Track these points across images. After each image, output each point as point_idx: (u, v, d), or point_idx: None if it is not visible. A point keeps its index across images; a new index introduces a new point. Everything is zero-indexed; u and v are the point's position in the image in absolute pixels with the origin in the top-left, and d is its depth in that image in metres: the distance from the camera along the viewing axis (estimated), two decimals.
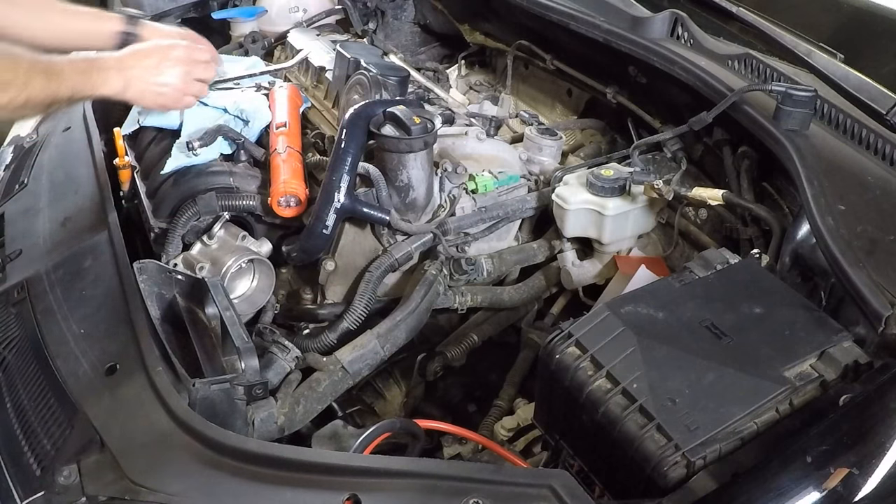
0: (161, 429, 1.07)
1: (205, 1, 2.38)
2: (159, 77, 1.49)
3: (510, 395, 1.53)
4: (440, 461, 1.20)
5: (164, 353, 1.17)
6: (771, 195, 1.52)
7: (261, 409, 1.24)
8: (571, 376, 1.08)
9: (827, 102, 1.45)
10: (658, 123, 1.81)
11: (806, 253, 1.27)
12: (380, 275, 1.51)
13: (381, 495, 0.96)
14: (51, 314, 1.33)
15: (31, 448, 1.13)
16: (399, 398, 1.60)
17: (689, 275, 1.21)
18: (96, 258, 1.41)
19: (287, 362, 1.38)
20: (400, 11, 2.49)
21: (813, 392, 1.04)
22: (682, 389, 1.01)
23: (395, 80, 1.74)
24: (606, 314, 1.12)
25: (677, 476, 0.95)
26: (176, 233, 1.57)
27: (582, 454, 1.12)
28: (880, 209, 1.25)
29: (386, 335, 1.43)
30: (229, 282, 1.47)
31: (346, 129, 1.49)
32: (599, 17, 1.76)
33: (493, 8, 2.17)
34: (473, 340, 1.61)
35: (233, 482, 1.00)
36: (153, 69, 1.49)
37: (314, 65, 1.99)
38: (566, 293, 1.71)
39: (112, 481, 1.03)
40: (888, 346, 1.06)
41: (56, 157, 1.79)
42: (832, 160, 1.34)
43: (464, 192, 1.62)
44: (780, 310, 1.13)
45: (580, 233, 1.62)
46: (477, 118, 1.87)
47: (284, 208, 1.56)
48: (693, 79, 1.55)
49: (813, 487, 0.90)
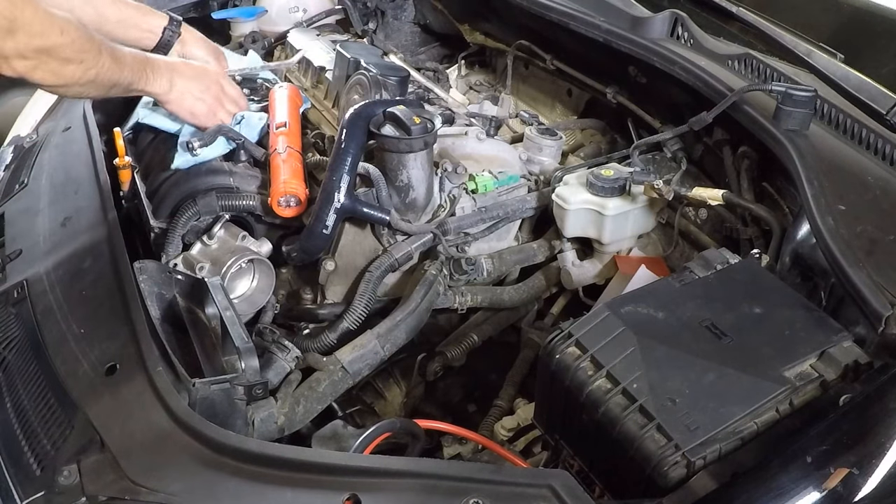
0: (161, 429, 1.07)
1: (205, 1, 2.38)
2: (200, 92, 1.63)
3: (510, 395, 1.53)
4: (440, 461, 1.20)
5: (164, 353, 1.16)
6: (771, 195, 1.52)
7: (261, 409, 1.24)
8: (571, 376, 1.08)
9: (827, 102, 1.45)
10: (658, 123, 1.81)
11: (806, 253, 1.27)
12: (380, 275, 1.51)
13: (381, 495, 0.96)
14: (51, 314, 1.33)
15: (31, 448, 1.13)
16: (399, 398, 1.60)
17: (689, 275, 1.21)
18: (96, 258, 1.41)
19: (287, 362, 1.38)
20: (400, 11, 2.49)
21: (813, 392, 1.04)
22: (682, 389, 1.01)
23: (395, 80, 1.74)
24: (606, 314, 1.12)
25: (677, 476, 0.95)
26: (176, 233, 1.57)
27: (582, 454, 1.12)
28: (880, 209, 1.25)
29: (386, 335, 1.43)
30: (229, 282, 1.47)
31: (346, 129, 1.49)
32: (599, 17, 1.76)
33: (493, 8, 2.17)
34: (473, 340, 1.61)
35: (233, 482, 1.00)
36: (197, 82, 1.62)
37: (314, 65, 1.99)
38: (566, 293, 1.71)
39: (112, 481, 1.03)
40: (888, 346, 1.06)
41: (56, 157, 1.79)
42: (832, 160, 1.34)
43: (464, 192, 1.62)
44: (780, 310, 1.13)
45: (580, 233, 1.62)
46: (477, 118, 1.87)
47: (284, 208, 1.56)
48: (693, 79, 1.55)
49: (813, 487, 0.90)
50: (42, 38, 1.29)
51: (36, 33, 1.28)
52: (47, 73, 1.34)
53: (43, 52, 1.30)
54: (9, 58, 1.28)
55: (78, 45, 1.35)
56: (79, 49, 1.35)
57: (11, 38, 1.25)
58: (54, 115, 2.02)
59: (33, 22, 1.27)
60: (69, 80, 1.37)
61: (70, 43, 1.33)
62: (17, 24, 1.25)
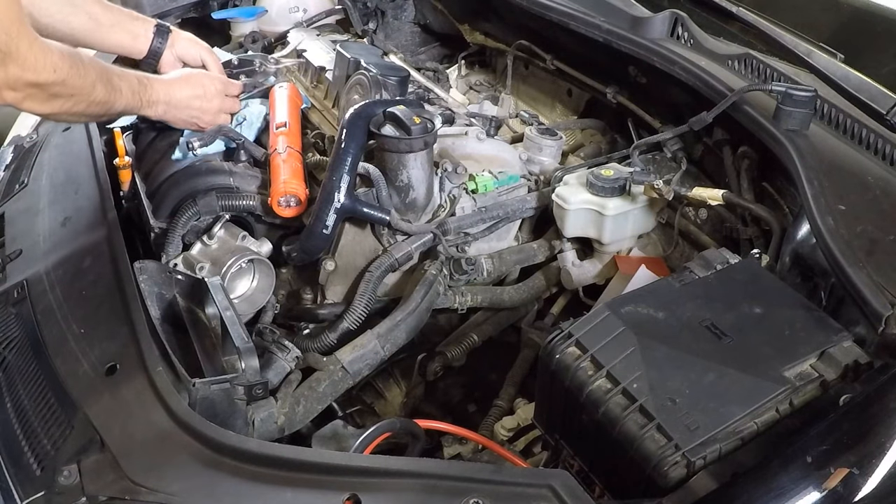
0: (161, 429, 1.07)
1: (205, 1, 2.38)
2: (196, 107, 1.64)
3: (510, 395, 1.53)
4: (440, 461, 1.20)
5: (164, 353, 1.16)
6: (771, 195, 1.52)
7: (261, 409, 1.24)
8: (571, 376, 1.08)
9: (827, 102, 1.45)
10: (658, 123, 1.81)
11: (806, 253, 1.27)
12: (380, 275, 1.51)
13: (381, 495, 0.96)
14: (51, 314, 1.33)
15: (31, 448, 1.13)
16: (399, 398, 1.60)
17: (689, 275, 1.21)
18: (96, 258, 1.41)
19: (287, 362, 1.38)
20: (400, 11, 2.49)
21: (813, 392, 1.04)
22: (682, 389, 1.01)
23: (395, 80, 1.74)
24: (606, 314, 1.12)
25: (677, 476, 0.95)
26: (176, 233, 1.57)
27: (582, 454, 1.12)
28: (880, 209, 1.25)
29: (386, 335, 1.43)
30: (229, 282, 1.47)
31: (346, 129, 1.49)
32: (599, 17, 1.75)
33: (493, 8, 2.17)
34: (473, 340, 1.61)
35: (233, 482, 1.00)
36: (193, 100, 1.63)
37: (314, 65, 1.99)
38: (566, 293, 1.71)
39: (112, 481, 1.03)
40: (888, 346, 1.06)
41: (56, 157, 1.79)
42: (832, 160, 1.34)
43: (464, 192, 1.62)
44: (780, 310, 1.13)
45: (580, 233, 1.62)
46: (477, 118, 1.87)
47: (284, 208, 1.56)
48: (693, 79, 1.55)
49: (813, 487, 0.90)
50: (34, 74, 1.27)
51: (28, 68, 1.26)
52: (36, 104, 1.33)
53: (33, 86, 1.29)
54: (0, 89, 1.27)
55: (69, 84, 1.34)
56: (70, 87, 1.34)
57: (3, 68, 1.24)
58: None
59: (27, 56, 1.25)
60: (58, 111, 1.37)
61: (61, 82, 1.32)
62: (11, 56, 1.23)
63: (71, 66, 1.33)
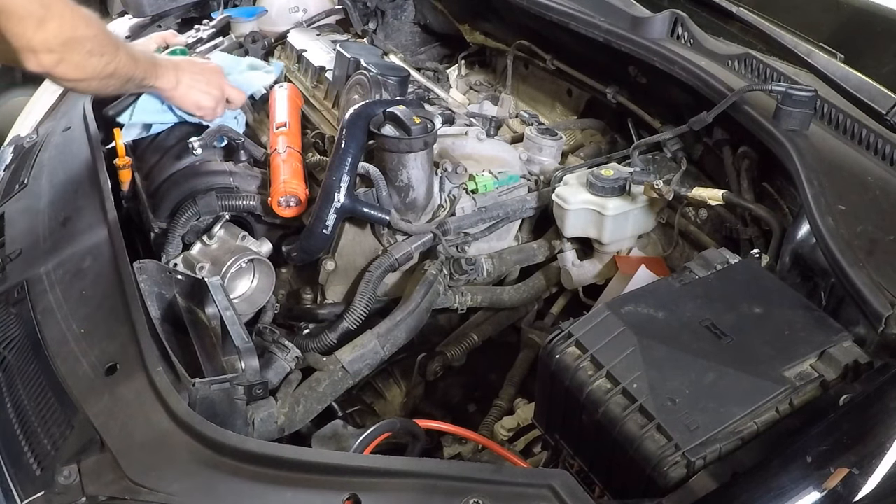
0: (161, 429, 1.07)
1: (205, 1, 2.38)
2: (205, 87, 1.67)
3: (510, 395, 1.53)
4: (440, 461, 1.20)
5: (164, 353, 1.16)
6: (771, 195, 1.52)
7: (261, 409, 1.24)
8: (571, 376, 1.08)
9: (827, 102, 1.45)
10: (658, 123, 1.81)
11: (806, 253, 1.27)
12: (380, 275, 1.51)
13: (381, 495, 0.96)
14: (51, 314, 1.33)
15: (31, 448, 1.13)
16: (399, 398, 1.60)
17: (689, 275, 1.21)
18: (96, 258, 1.41)
19: (287, 362, 1.38)
20: (400, 11, 2.49)
21: (813, 392, 1.04)
22: (682, 389, 1.01)
23: (395, 80, 1.74)
24: (606, 314, 1.12)
25: (677, 476, 0.95)
26: (176, 233, 1.57)
27: (582, 454, 1.12)
28: (880, 209, 1.25)
29: (386, 335, 1.43)
30: (229, 282, 1.47)
31: (346, 129, 1.49)
32: (599, 17, 1.75)
33: (493, 8, 2.17)
34: (473, 340, 1.61)
35: (233, 482, 1.00)
36: (202, 78, 1.67)
37: (314, 65, 1.99)
38: (566, 293, 1.71)
39: (112, 481, 1.03)
40: (888, 346, 1.06)
41: (56, 157, 1.79)
42: (832, 160, 1.34)
43: (464, 192, 1.62)
44: (780, 310, 1.13)
45: (580, 233, 1.62)
46: (477, 118, 1.87)
47: (284, 208, 1.56)
48: (693, 79, 1.55)
49: (813, 487, 0.90)
50: (72, 30, 1.33)
51: (66, 24, 1.32)
52: (70, 68, 1.37)
53: (70, 43, 1.33)
54: (37, 51, 1.31)
55: (101, 39, 1.39)
56: (101, 42, 1.39)
57: (42, 29, 1.29)
58: (54, 115, 2.02)
59: (64, 12, 1.31)
60: (91, 73, 1.40)
61: (94, 36, 1.37)
62: (50, 14, 1.29)
63: (99, 23, 1.41)
